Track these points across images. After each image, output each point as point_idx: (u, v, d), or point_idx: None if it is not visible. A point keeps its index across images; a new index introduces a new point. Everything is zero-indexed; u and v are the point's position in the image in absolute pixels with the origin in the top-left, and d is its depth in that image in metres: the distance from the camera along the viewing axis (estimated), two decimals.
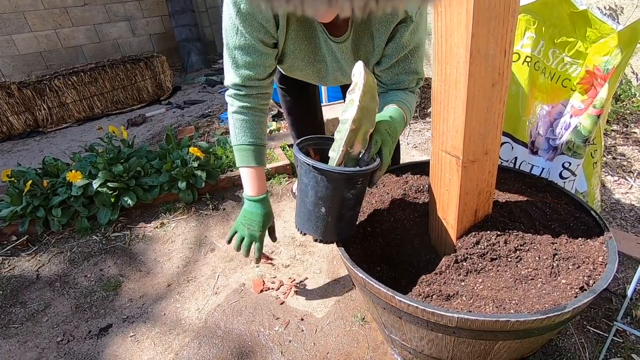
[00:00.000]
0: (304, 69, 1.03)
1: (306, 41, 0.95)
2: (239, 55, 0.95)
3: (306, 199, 0.80)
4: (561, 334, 1.07)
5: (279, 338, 1.16)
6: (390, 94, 0.99)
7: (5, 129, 3.18)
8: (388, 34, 0.90)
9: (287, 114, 1.55)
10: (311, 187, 0.77)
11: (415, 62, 0.96)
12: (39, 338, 1.25)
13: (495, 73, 0.70)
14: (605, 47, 1.06)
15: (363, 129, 0.76)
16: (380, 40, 0.92)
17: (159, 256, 1.57)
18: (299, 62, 1.00)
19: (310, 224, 0.83)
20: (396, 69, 0.96)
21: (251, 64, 0.96)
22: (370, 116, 0.77)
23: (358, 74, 0.74)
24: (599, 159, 1.24)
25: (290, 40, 0.94)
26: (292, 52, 0.97)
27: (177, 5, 4.73)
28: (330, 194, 0.77)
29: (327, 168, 0.74)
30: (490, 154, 0.80)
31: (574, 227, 0.88)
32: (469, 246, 0.83)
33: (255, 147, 1.05)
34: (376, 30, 0.91)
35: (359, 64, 0.74)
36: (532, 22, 1.15)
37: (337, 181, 0.75)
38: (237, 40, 0.92)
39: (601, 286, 0.70)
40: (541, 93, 1.22)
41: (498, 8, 0.63)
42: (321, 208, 0.79)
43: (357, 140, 0.77)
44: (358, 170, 0.76)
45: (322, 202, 0.78)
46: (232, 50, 0.95)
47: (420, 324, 0.74)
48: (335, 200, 0.78)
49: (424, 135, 2.40)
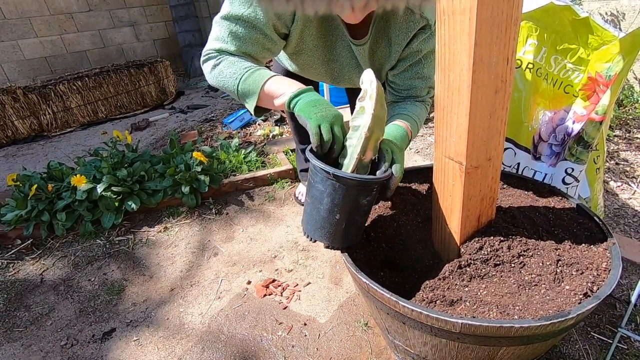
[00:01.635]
0: (318, 68, 1.02)
1: (324, 39, 0.94)
2: (241, 28, 0.83)
3: (320, 206, 0.79)
4: (565, 340, 1.07)
5: (282, 343, 1.16)
6: (400, 105, 0.99)
7: (10, 133, 3.20)
8: (407, 41, 0.91)
9: (291, 118, 1.56)
10: (327, 195, 0.77)
11: (427, 68, 0.96)
12: (43, 342, 1.26)
13: (498, 80, 0.71)
14: (607, 54, 1.06)
15: (374, 136, 0.77)
16: (398, 46, 0.92)
17: (162, 260, 1.58)
18: (314, 59, 0.99)
19: (323, 231, 0.83)
20: (409, 73, 0.97)
21: (252, 39, 0.85)
22: (380, 124, 0.78)
23: (368, 82, 0.74)
24: (601, 164, 1.24)
25: (309, 38, 0.92)
26: (310, 50, 0.96)
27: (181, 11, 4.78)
28: (347, 201, 0.77)
29: (348, 176, 0.73)
30: (493, 160, 0.81)
31: (577, 233, 0.88)
32: (472, 252, 0.83)
33: (263, 68, 0.87)
34: (395, 37, 0.91)
35: (369, 72, 0.75)
36: (534, 29, 1.16)
37: (355, 188, 0.76)
38: (247, 11, 0.81)
39: (605, 292, 0.70)
40: (544, 99, 1.23)
41: (500, 17, 0.64)
42: (336, 215, 0.79)
43: (369, 148, 0.78)
44: (377, 178, 0.77)
45: (337, 209, 0.78)
46: (235, 21, 0.83)
47: (423, 330, 0.74)
48: (352, 206, 0.78)
49: (427, 140, 2.41)
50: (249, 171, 2.05)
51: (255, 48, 0.87)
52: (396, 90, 1.01)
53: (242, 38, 0.85)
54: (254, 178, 1.98)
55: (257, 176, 1.98)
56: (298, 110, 0.77)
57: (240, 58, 0.87)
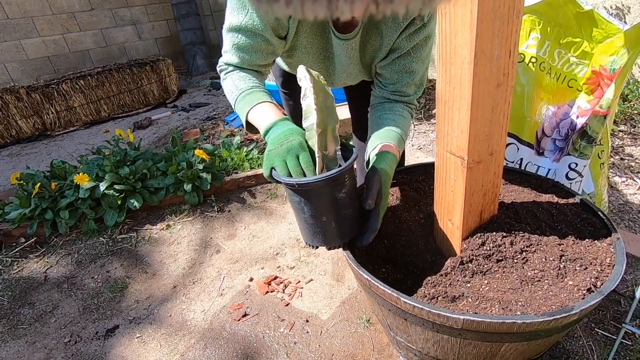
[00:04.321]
0: (313, 66, 1.02)
1: (319, 37, 0.94)
2: (242, 37, 0.88)
3: (303, 215, 0.79)
4: (569, 336, 1.06)
5: (284, 340, 1.16)
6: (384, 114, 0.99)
7: (14, 132, 3.22)
8: (399, 32, 0.90)
9: (291, 117, 1.56)
10: (304, 203, 0.77)
11: (416, 62, 0.95)
12: (47, 339, 1.26)
13: (500, 74, 0.70)
14: (612, 47, 1.05)
15: (329, 128, 0.76)
16: (390, 38, 0.91)
17: (165, 258, 1.58)
18: (310, 57, 0.99)
19: (318, 237, 0.82)
20: (397, 66, 0.96)
21: (254, 48, 0.90)
22: (330, 113, 0.76)
23: (303, 78, 0.72)
24: (606, 159, 1.23)
25: (303, 34, 0.92)
26: (304, 47, 0.95)
27: (182, 9, 4.77)
28: (325, 201, 0.77)
29: (311, 180, 0.73)
30: (495, 154, 0.80)
31: (580, 228, 0.88)
32: (474, 247, 0.83)
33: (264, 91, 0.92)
34: (386, 28, 0.90)
35: (301, 69, 0.73)
36: (537, 22, 1.15)
37: (325, 187, 0.75)
38: (244, 20, 0.85)
39: (609, 288, 0.70)
40: (547, 94, 1.22)
41: (502, 9, 0.63)
42: (322, 218, 0.79)
43: (328, 140, 0.76)
44: (340, 170, 0.74)
45: (319, 212, 0.78)
46: (235, 32, 0.88)
47: (425, 326, 0.73)
48: (332, 205, 0.78)
49: (429, 136, 2.39)
50: (251, 169, 2.05)
51: (258, 55, 0.92)
52: (384, 84, 1.00)
53: (245, 48, 0.90)
54: (255, 175, 1.98)
55: (259, 173, 1.98)
56: (266, 152, 0.81)
57: (241, 73, 0.94)
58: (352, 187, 0.80)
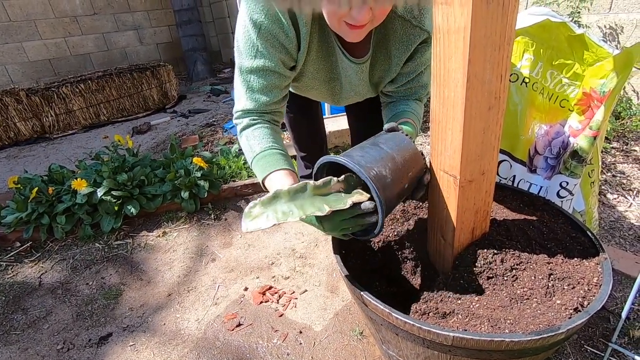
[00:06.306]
0: (319, 88, 1.03)
1: (324, 61, 0.95)
2: (255, 78, 0.89)
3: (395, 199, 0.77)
4: (558, 352, 1.08)
5: (277, 351, 1.16)
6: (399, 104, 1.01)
7: (12, 134, 3.23)
8: (408, 54, 0.92)
9: (291, 129, 1.57)
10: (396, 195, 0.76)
11: (427, 76, 0.98)
12: (40, 345, 1.26)
13: (491, 97, 0.72)
14: (602, 70, 1.08)
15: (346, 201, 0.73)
16: (399, 60, 0.92)
17: (160, 265, 1.59)
18: (316, 82, 1.00)
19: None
20: (410, 84, 0.99)
21: (268, 88, 0.90)
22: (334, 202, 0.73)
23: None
24: (596, 178, 1.25)
25: (310, 62, 0.93)
26: (311, 73, 0.96)
27: (185, 16, 4.82)
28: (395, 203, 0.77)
29: (380, 223, 0.72)
30: (487, 174, 0.82)
31: (570, 247, 0.89)
32: (466, 264, 0.84)
33: (280, 152, 0.91)
34: (395, 50, 0.92)
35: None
36: (530, 44, 1.18)
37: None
38: (256, 62, 0.86)
39: (595, 308, 0.71)
40: (539, 113, 1.25)
41: (494, 37, 0.66)
42: (404, 184, 0.77)
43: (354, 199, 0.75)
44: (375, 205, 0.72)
45: (398, 185, 0.76)
46: (247, 74, 0.89)
47: (416, 341, 0.75)
48: (398, 198, 0.78)
49: (425, 149, 2.42)
50: (249, 177, 2.07)
51: (273, 94, 0.92)
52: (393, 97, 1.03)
53: (259, 90, 0.90)
54: (253, 184, 1.99)
55: (256, 182, 2.00)
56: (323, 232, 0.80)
57: (255, 131, 0.91)
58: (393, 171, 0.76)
